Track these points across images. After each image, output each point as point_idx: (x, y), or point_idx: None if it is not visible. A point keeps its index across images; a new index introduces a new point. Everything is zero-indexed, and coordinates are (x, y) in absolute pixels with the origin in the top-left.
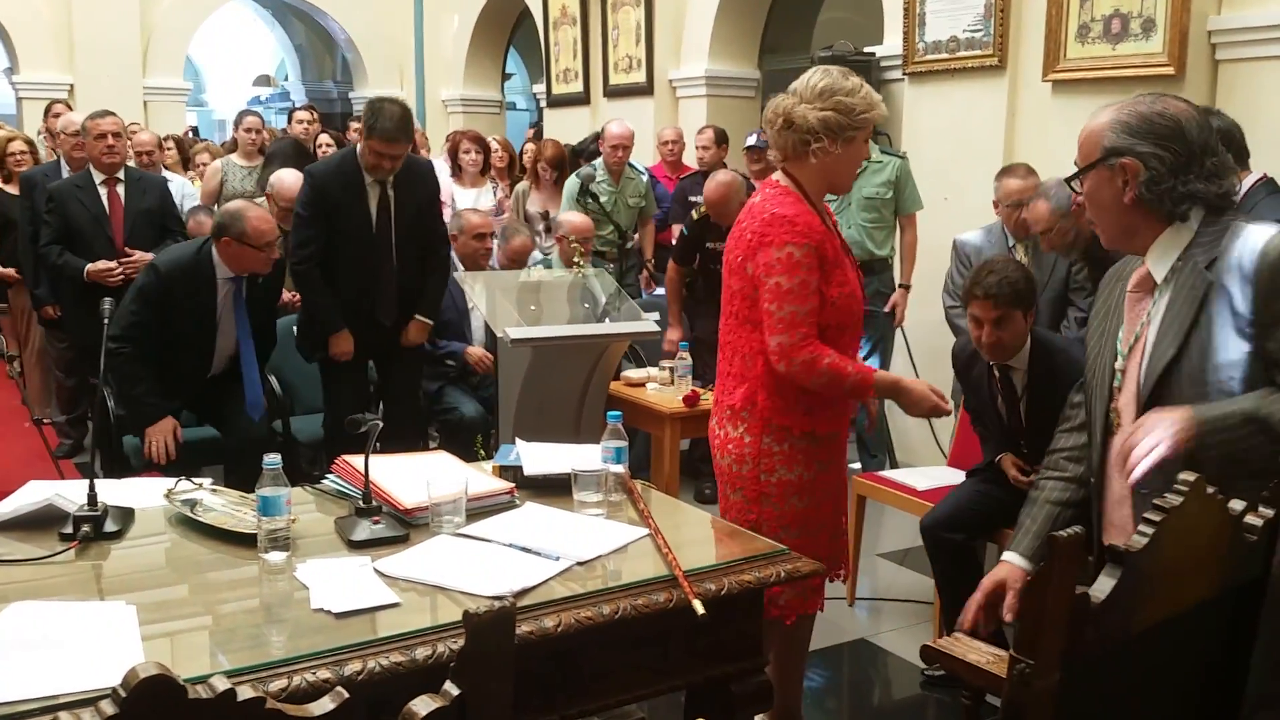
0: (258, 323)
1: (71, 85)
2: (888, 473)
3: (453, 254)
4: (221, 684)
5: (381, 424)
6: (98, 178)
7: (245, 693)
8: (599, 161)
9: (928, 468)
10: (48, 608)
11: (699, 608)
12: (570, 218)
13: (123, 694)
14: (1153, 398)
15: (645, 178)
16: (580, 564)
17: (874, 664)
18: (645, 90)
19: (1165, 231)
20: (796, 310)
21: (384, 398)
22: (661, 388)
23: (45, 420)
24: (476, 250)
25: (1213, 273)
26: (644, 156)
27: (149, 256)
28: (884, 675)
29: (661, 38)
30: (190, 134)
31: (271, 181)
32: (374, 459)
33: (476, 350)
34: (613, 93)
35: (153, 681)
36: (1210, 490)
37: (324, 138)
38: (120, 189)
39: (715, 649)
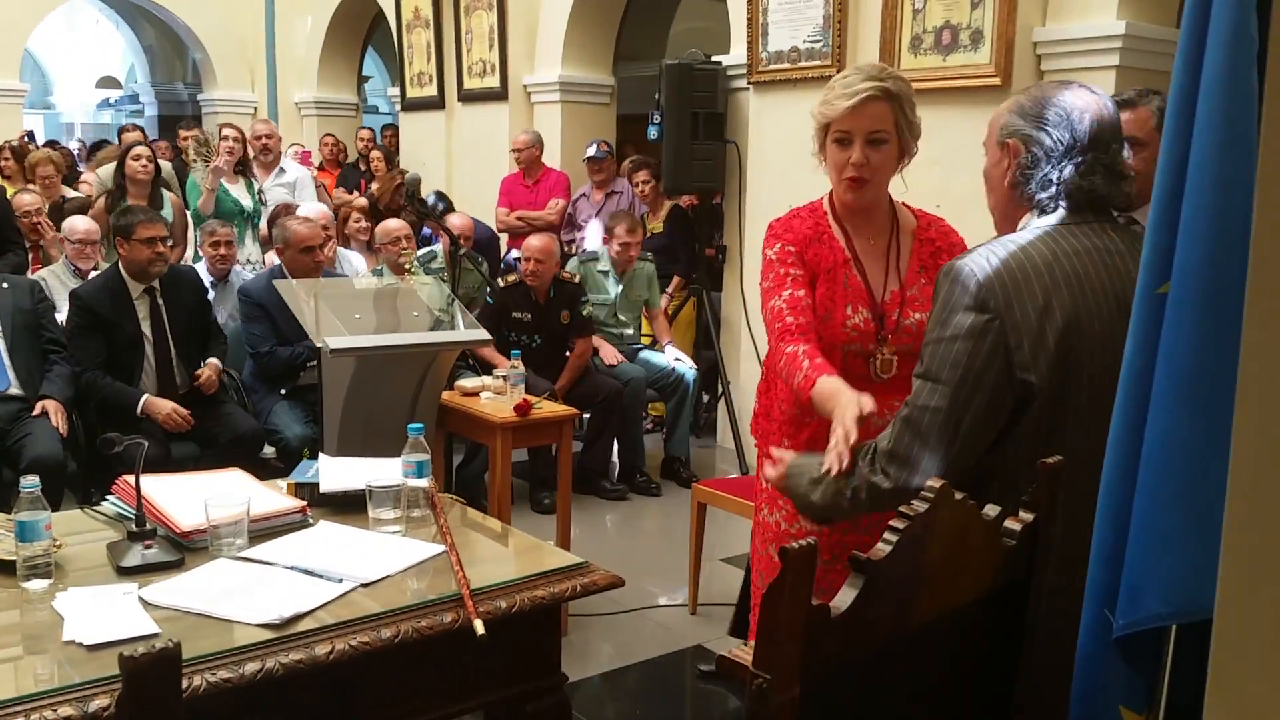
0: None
1: None
2: (731, 478)
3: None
4: None
5: (145, 444)
6: None
7: None
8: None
9: None
10: None
11: (479, 628)
12: (390, 224)
13: None
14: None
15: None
16: (364, 585)
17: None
18: (500, 95)
19: (1022, 220)
20: (774, 304)
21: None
22: (495, 396)
23: None
24: (306, 265)
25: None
26: (499, 163)
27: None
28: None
29: (515, 42)
30: (25, 139)
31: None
32: (161, 478)
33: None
34: (467, 97)
35: None
36: (960, 496)
37: (142, 150)
38: None
39: (509, 668)
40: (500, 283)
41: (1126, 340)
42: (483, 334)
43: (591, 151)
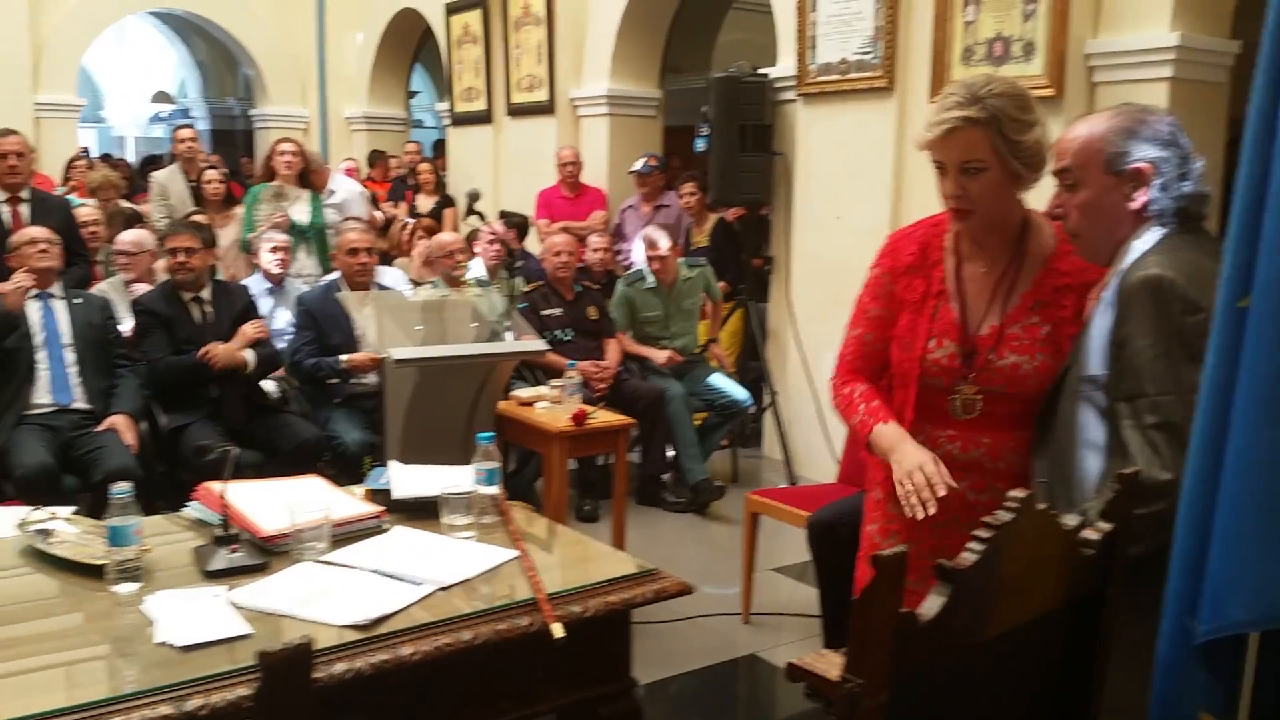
0: None
1: None
2: (783, 488)
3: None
4: None
5: (234, 451)
6: (0, 195)
7: None
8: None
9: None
10: None
11: (557, 631)
12: (444, 238)
13: None
14: (1049, 402)
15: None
16: (443, 589)
17: (764, 679)
18: (547, 109)
19: (1138, 234)
20: (847, 336)
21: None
22: (551, 406)
23: None
24: (353, 266)
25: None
26: (545, 177)
27: None
28: (773, 691)
29: (563, 57)
30: (83, 154)
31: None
32: (241, 485)
33: (356, 355)
34: (515, 111)
35: None
36: (1042, 506)
37: (212, 173)
38: (25, 209)
39: (582, 672)
40: (525, 287)
41: (1209, 352)
42: (541, 344)
43: (638, 166)
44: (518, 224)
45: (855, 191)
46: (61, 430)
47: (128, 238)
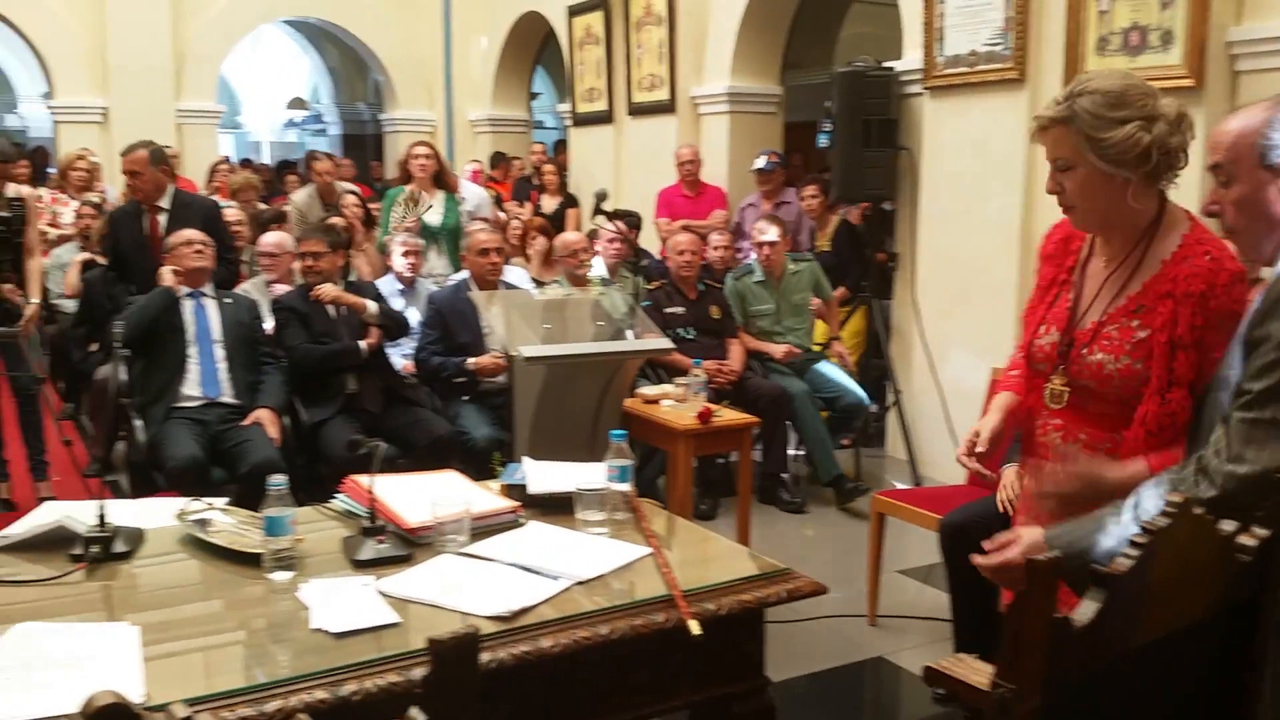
0: None
1: (106, 109)
2: (909, 488)
3: None
4: (180, 711)
5: (383, 445)
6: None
7: None
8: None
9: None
10: (52, 629)
11: (694, 628)
12: (569, 237)
13: None
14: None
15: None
16: (580, 583)
17: (891, 682)
18: (668, 108)
19: None
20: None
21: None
22: (676, 404)
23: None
24: (483, 267)
25: None
26: (665, 176)
27: None
28: (899, 694)
29: (684, 55)
30: (225, 161)
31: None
32: (384, 478)
33: (482, 358)
34: (636, 110)
35: (109, 709)
36: (1199, 511)
37: (351, 198)
38: (162, 217)
39: (716, 669)
40: (650, 286)
41: None
42: (667, 343)
43: (761, 164)
44: (631, 223)
45: (984, 186)
46: (209, 424)
47: (270, 240)
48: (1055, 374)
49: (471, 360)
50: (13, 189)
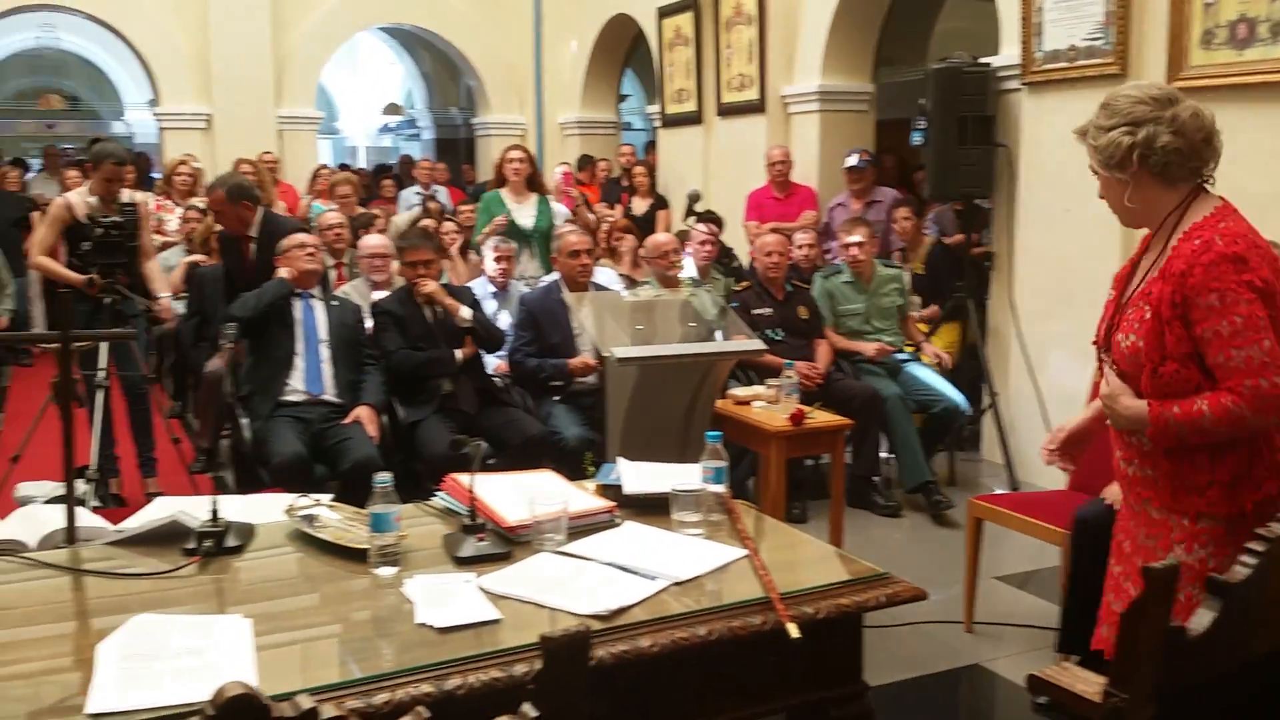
0: None
1: (210, 116)
2: (1007, 493)
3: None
4: (306, 702)
5: (484, 445)
6: None
7: (327, 711)
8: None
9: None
10: (168, 620)
11: (793, 631)
12: (659, 238)
13: (211, 711)
14: None
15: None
16: (677, 584)
17: (988, 690)
18: (758, 108)
19: None
20: None
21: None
22: (768, 406)
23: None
24: (574, 269)
25: None
26: (754, 176)
27: None
28: (997, 702)
29: (775, 54)
30: (324, 168)
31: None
32: (483, 477)
33: (577, 360)
34: (725, 111)
35: (238, 699)
36: None
37: (450, 225)
38: (253, 245)
39: (813, 673)
40: (737, 287)
41: None
42: (759, 344)
43: (853, 161)
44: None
45: (1085, 184)
46: (312, 422)
47: (373, 243)
48: (1104, 357)
49: (573, 361)
50: (125, 194)
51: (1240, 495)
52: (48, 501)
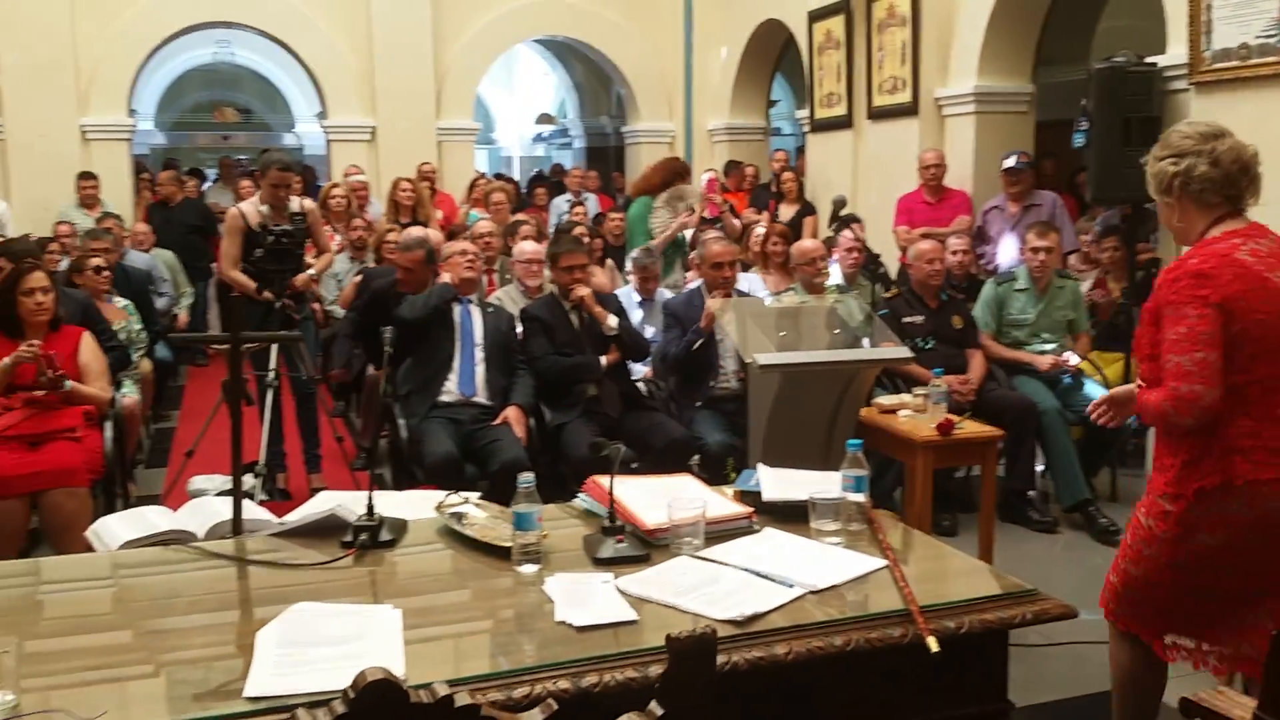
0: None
1: (374, 128)
2: None
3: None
4: (441, 690)
5: (623, 448)
6: None
7: (462, 699)
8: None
9: None
10: (325, 609)
11: (932, 645)
12: (806, 244)
13: (351, 695)
14: None
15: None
16: (814, 592)
17: None
18: (910, 110)
19: None
20: None
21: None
22: (915, 415)
23: (341, 437)
24: (716, 280)
25: None
26: (905, 181)
27: None
28: None
29: (929, 56)
30: (482, 177)
31: None
32: (623, 480)
33: (710, 302)
34: (876, 114)
35: (378, 685)
36: None
37: (598, 242)
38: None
39: (954, 689)
40: (887, 294)
41: None
42: (905, 351)
43: (1010, 163)
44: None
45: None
46: (463, 423)
47: (528, 248)
48: None
49: (707, 305)
50: (295, 202)
51: (1189, 480)
52: (218, 494)
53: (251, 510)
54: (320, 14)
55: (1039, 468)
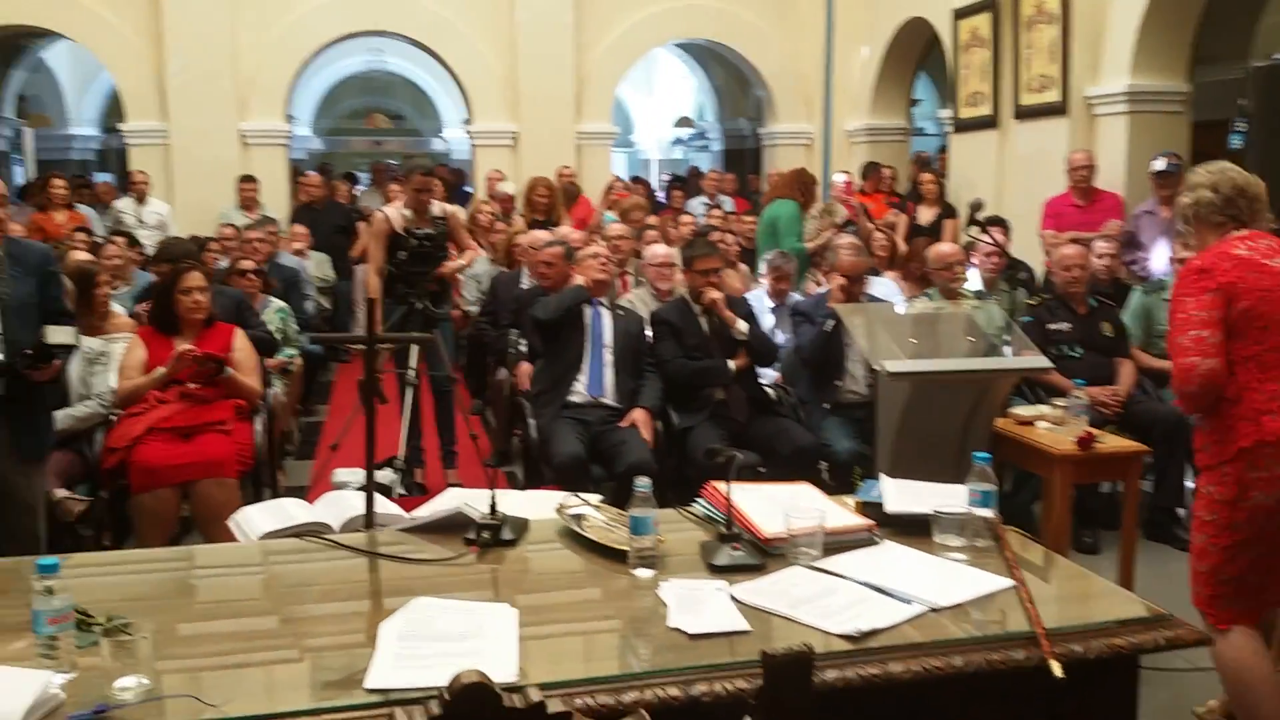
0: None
1: (516, 133)
2: None
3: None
4: (535, 695)
5: (740, 456)
6: None
7: (554, 706)
8: None
9: None
10: (445, 604)
11: (1056, 669)
12: (943, 248)
13: (447, 696)
14: None
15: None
16: (934, 610)
17: None
18: (1059, 110)
19: None
20: None
21: None
22: (1053, 427)
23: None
24: (843, 292)
25: None
26: (1051, 183)
27: None
28: None
29: (1079, 53)
30: (618, 180)
31: None
32: (741, 486)
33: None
34: (1023, 114)
35: (473, 687)
36: None
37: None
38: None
39: (1080, 716)
40: (1031, 301)
41: None
42: (1044, 361)
43: (1160, 165)
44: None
45: None
46: (591, 424)
47: (660, 251)
48: None
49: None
50: (437, 206)
51: (1229, 444)
52: (359, 488)
53: (384, 505)
54: (467, 22)
55: (1189, 484)
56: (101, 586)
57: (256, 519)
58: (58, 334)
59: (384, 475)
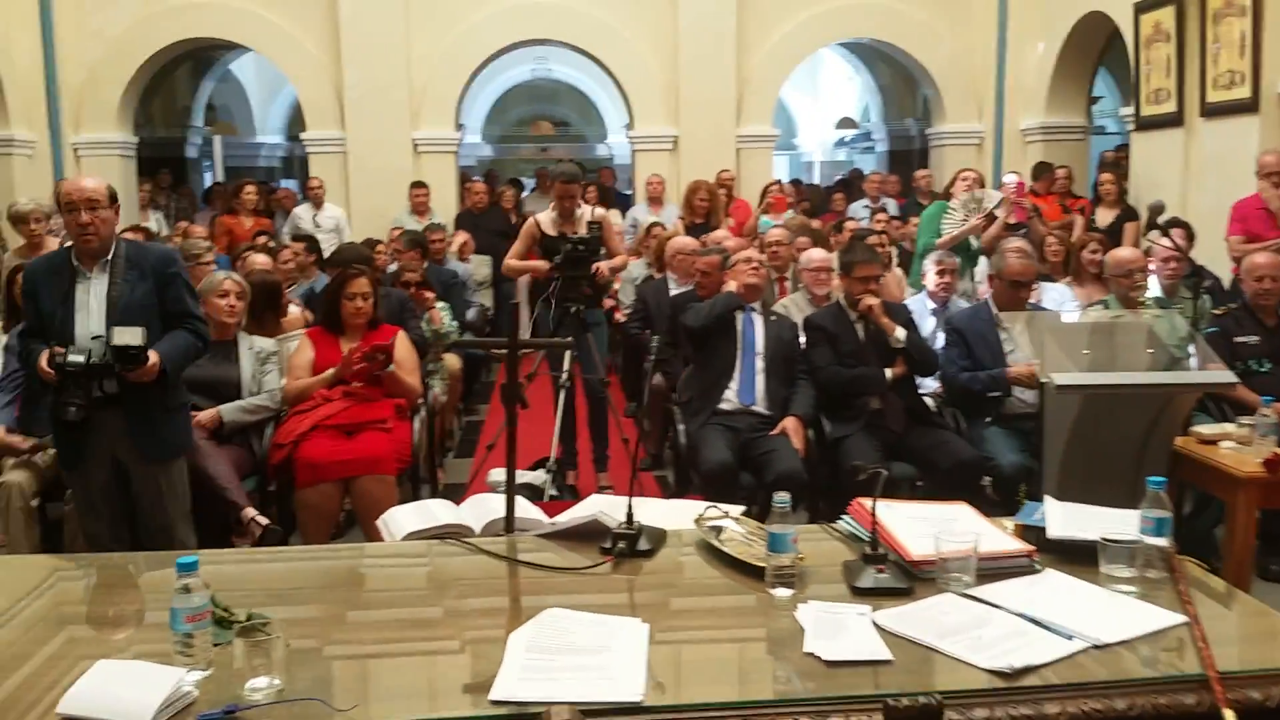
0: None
1: (676, 137)
2: None
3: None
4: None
5: (885, 472)
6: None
7: None
8: None
9: None
10: (576, 617)
11: (1229, 718)
12: (1122, 253)
13: None
14: None
15: None
16: (1097, 647)
17: None
18: (1249, 107)
19: None
20: None
21: None
22: (1238, 447)
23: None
24: (1012, 299)
25: None
26: (1241, 185)
27: None
28: None
29: (1272, 47)
30: (776, 184)
31: None
32: (893, 505)
33: (1017, 368)
34: (1210, 111)
35: None
36: None
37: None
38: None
39: None
40: (1217, 311)
41: None
42: (1229, 376)
43: None
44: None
45: None
46: (741, 431)
47: (817, 256)
48: None
49: (1012, 369)
50: (588, 210)
51: None
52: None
53: (525, 509)
54: (630, 28)
55: None
56: (238, 578)
57: (402, 519)
58: (124, 334)
59: (536, 477)
